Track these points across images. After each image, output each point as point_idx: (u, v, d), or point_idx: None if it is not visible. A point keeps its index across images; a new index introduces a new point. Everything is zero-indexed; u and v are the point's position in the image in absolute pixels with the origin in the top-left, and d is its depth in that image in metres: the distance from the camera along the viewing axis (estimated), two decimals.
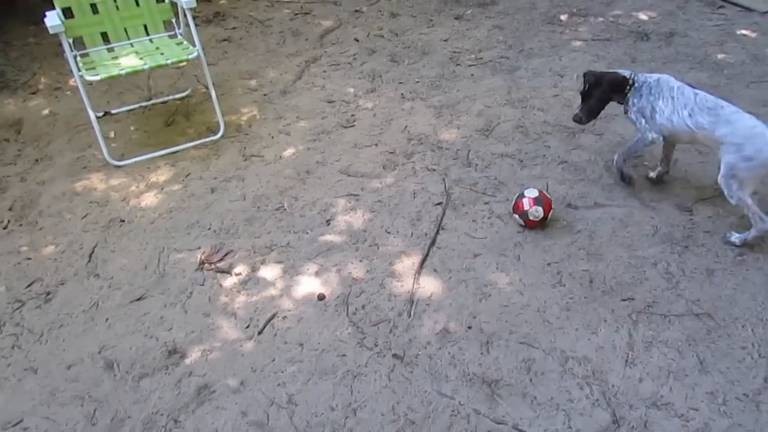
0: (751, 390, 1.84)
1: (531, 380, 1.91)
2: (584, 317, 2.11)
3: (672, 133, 2.43)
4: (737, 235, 2.36)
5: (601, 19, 4.49)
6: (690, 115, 2.30)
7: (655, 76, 2.47)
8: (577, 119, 2.56)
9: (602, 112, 2.60)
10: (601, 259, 2.35)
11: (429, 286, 2.28)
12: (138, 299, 2.31)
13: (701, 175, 2.76)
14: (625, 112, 2.57)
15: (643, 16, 4.48)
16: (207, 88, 3.23)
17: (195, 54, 3.03)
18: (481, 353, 2.01)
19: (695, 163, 2.84)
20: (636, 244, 2.41)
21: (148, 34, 3.24)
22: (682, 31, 4.20)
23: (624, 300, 2.17)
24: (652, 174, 2.72)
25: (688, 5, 4.62)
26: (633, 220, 2.52)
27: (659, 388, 1.87)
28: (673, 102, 2.36)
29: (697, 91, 2.37)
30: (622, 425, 1.77)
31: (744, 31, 4.10)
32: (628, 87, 2.49)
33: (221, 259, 2.46)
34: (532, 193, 2.45)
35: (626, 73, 2.51)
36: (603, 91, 2.49)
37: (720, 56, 3.79)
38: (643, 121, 2.47)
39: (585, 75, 2.56)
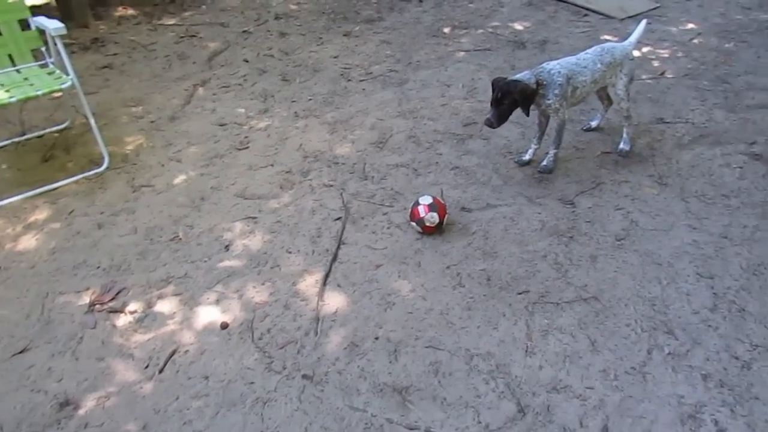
0: (637, 363, 2.00)
1: (439, 382, 1.96)
2: (485, 314, 2.20)
3: (592, 90, 2.86)
4: (622, 144, 3.07)
5: (481, 30, 4.74)
6: (601, 63, 2.79)
7: (551, 65, 2.72)
8: (489, 123, 2.67)
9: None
10: (496, 257, 2.46)
11: (333, 301, 2.28)
12: (21, 352, 2.12)
13: (580, 169, 2.97)
14: (539, 106, 2.77)
15: (518, 26, 4.79)
16: (87, 118, 3.04)
17: (69, 83, 2.86)
18: (390, 362, 2.03)
19: (574, 159, 3.05)
20: (526, 239, 2.55)
21: (14, 65, 3.02)
22: (553, 38, 4.52)
23: (520, 293, 2.28)
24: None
25: (557, 15, 4.99)
26: (522, 217, 2.67)
27: (557, 372, 1.98)
28: (587, 69, 2.76)
29: (585, 52, 2.86)
30: (527, 413, 1.85)
31: (606, 36, 4.49)
32: (538, 91, 2.68)
33: (113, 298, 2.32)
34: (426, 200, 2.52)
35: (528, 78, 2.65)
36: (514, 100, 2.63)
37: None
38: (565, 103, 2.73)
39: (495, 83, 2.67)
